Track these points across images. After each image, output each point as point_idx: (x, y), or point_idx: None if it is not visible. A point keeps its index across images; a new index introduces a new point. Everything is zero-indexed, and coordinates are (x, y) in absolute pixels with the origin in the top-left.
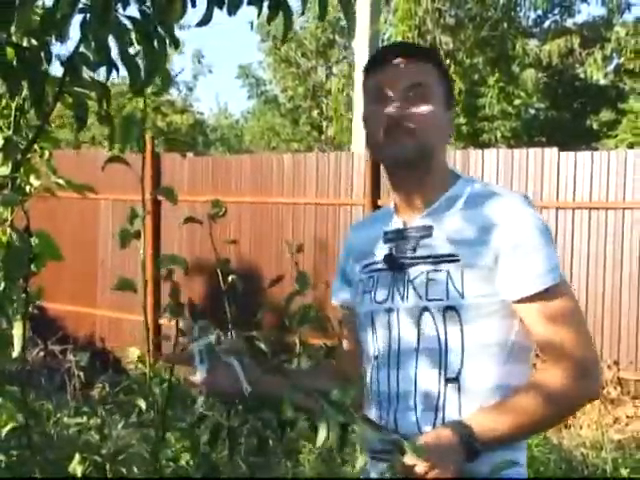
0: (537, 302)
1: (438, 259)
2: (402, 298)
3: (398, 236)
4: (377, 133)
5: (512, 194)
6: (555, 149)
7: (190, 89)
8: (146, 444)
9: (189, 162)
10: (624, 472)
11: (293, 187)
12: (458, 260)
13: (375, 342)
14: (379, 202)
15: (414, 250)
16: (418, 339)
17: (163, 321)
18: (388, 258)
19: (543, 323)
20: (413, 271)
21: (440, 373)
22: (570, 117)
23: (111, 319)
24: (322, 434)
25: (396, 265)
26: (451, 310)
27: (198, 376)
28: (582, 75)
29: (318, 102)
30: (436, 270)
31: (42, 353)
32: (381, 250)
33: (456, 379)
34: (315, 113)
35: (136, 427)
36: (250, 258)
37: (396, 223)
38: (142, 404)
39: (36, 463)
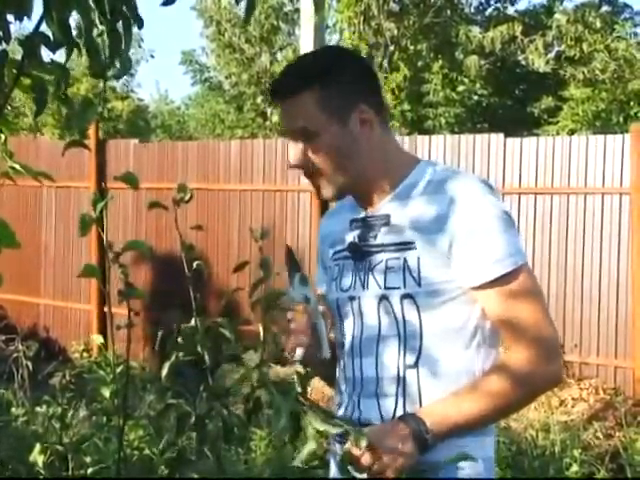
0: (496, 287)
1: (397, 247)
2: (363, 286)
3: (362, 224)
4: None
5: (471, 179)
6: (501, 135)
7: (131, 75)
8: (105, 433)
9: (134, 148)
10: (575, 453)
11: (240, 174)
12: (415, 247)
13: (342, 329)
14: None
15: (375, 238)
16: (379, 327)
17: (110, 310)
18: (351, 246)
19: (503, 307)
20: (374, 259)
21: (400, 360)
22: (512, 104)
23: (56, 308)
24: (278, 423)
25: (358, 253)
26: (408, 298)
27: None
28: (523, 62)
29: (262, 88)
30: (395, 258)
31: None
32: (348, 238)
33: (415, 365)
34: (259, 99)
35: (95, 416)
36: (197, 245)
37: (360, 211)
38: (106, 393)
39: None
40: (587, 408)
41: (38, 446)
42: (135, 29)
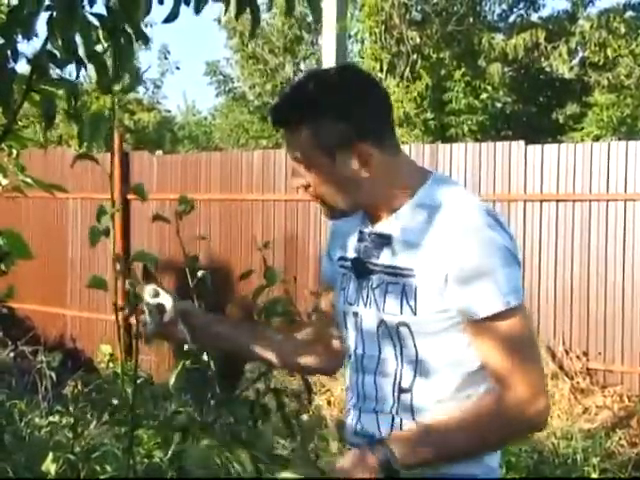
0: (485, 325)
1: (396, 271)
2: (365, 304)
3: (368, 239)
4: None
5: (476, 210)
6: (522, 142)
7: (157, 87)
8: (118, 442)
9: (158, 160)
10: (594, 460)
11: (262, 184)
12: (413, 275)
13: (348, 341)
14: None
15: (378, 257)
16: (379, 348)
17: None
18: (355, 262)
19: (489, 346)
20: (375, 279)
21: (395, 383)
22: (536, 111)
23: (82, 319)
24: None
25: (360, 271)
26: (404, 326)
27: (148, 329)
28: (547, 69)
29: None
30: (394, 283)
31: (12, 354)
32: (354, 248)
33: (409, 390)
34: None
35: (109, 425)
36: (220, 255)
37: (368, 224)
38: (115, 401)
39: (9, 463)
40: (611, 416)
41: (51, 455)
42: (161, 42)
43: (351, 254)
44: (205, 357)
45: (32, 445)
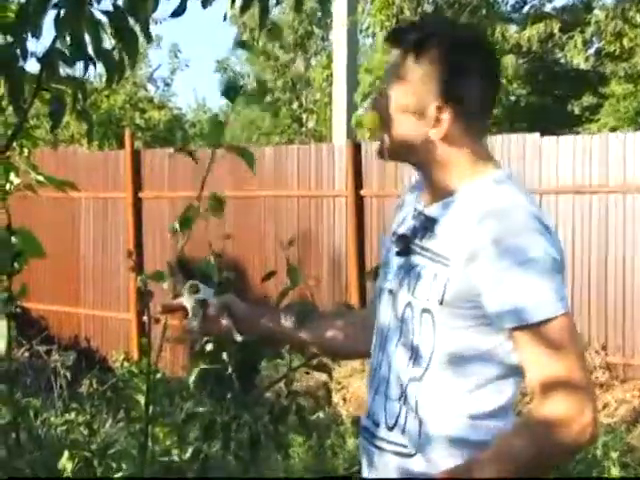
0: (529, 333)
1: (433, 256)
2: (400, 285)
3: (418, 218)
4: None
5: (528, 215)
6: (537, 134)
7: (167, 85)
8: (134, 439)
9: (169, 158)
10: (614, 455)
11: (274, 180)
12: (448, 265)
13: (378, 318)
14: (362, 192)
15: (421, 239)
16: (400, 330)
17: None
18: (400, 238)
19: (534, 355)
20: (414, 260)
21: (408, 370)
22: (552, 102)
23: (95, 317)
24: None
25: (405, 248)
26: (427, 313)
27: (193, 326)
28: (563, 60)
29: (298, 94)
30: (428, 268)
31: (27, 353)
32: (407, 224)
33: (420, 380)
34: (295, 105)
35: (124, 423)
36: (232, 253)
37: (421, 202)
38: (141, 399)
39: (25, 460)
40: (631, 410)
41: (67, 453)
42: (173, 40)
43: (402, 230)
44: (224, 356)
45: (48, 443)
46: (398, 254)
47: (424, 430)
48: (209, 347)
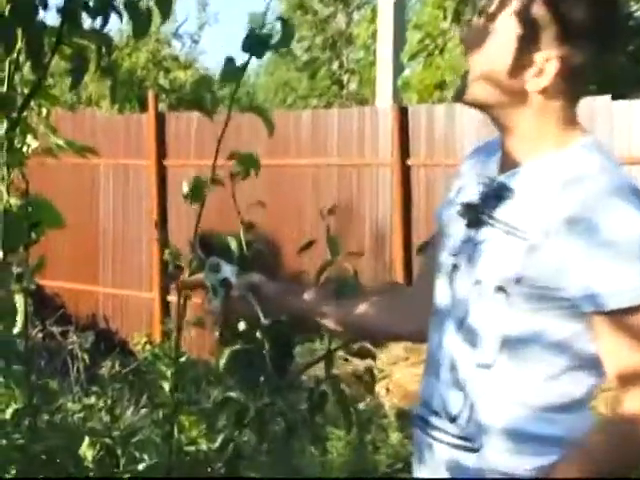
0: (615, 319)
1: (509, 229)
2: (468, 260)
3: (489, 185)
4: None
5: (619, 187)
6: (608, 97)
7: (195, 42)
8: (158, 428)
9: (196, 122)
10: None
11: (312, 148)
12: (527, 239)
13: (436, 295)
14: (408, 162)
15: (494, 209)
16: (467, 309)
17: (172, 298)
18: (468, 208)
19: (617, 344)
20: (485, 232)
21: (472, 355)
22: (625, 61)
23: (115, 296)
24: None
25: (472, 219)
26: (501, 292)
27: (214, 307)
28: (638, 13)
29: (338, 53)
30: (503, 242)
31: (41, 334)
32: (472, 190)
33: (486, 366)
34: (335, 65)
35: (148, 410)
36: (265, 227)
37: (494, 167)
38: (165, 385)
39: (41, 447)
40: None
41: (87, 439)
42: None
43: (468, 198)
44: (259, 335)
45: (65, 429)
46: (467, 225)
47: (486, 422)
48: (241, 327)
